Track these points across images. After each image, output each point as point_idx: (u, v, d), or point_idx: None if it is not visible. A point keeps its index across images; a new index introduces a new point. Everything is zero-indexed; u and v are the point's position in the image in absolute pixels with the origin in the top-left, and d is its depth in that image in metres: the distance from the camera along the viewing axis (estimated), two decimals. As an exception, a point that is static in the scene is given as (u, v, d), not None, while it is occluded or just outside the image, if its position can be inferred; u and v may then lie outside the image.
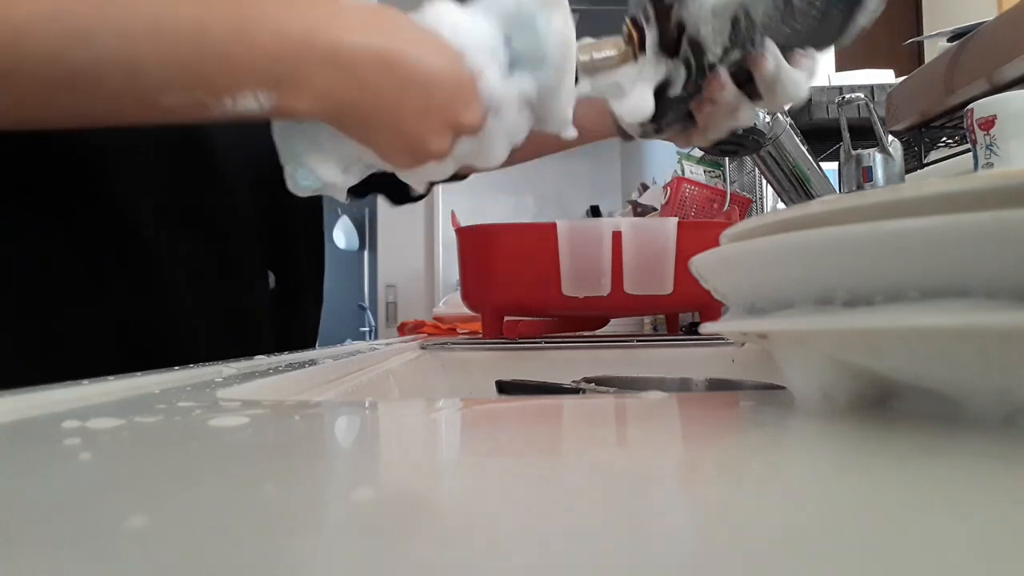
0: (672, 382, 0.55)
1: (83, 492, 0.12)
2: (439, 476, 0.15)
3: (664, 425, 0.21)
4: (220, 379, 0.30)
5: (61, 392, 0.23)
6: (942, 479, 0.13)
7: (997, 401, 0.17)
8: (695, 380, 0.53)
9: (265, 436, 0.18)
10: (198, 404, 0.22)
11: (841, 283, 0.18)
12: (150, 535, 0.10)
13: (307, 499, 0.12)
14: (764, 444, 0.17)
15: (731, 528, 0.10)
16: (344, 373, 0.43)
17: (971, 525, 0.10)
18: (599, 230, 0.83)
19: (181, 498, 0.12)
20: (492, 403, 0.25)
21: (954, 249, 0.15)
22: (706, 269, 0.23)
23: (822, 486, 0.13)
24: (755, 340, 0.23)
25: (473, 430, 0.21)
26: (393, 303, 3.02)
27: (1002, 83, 0.66)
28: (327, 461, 0.16)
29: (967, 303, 0.15)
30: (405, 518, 0.11)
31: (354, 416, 0.23)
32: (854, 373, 0.19)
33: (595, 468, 0.15)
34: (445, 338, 1.15)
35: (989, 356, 0.16)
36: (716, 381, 0.52)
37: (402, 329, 1.78)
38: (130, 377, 0.28)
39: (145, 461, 0.15)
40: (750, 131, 0.62)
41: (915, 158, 0.86)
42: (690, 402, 0.26)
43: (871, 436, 0.17)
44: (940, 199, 0.16)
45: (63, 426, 0.18)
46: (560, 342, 0.85)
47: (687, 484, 0.13)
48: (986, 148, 0.62)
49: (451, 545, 0.10)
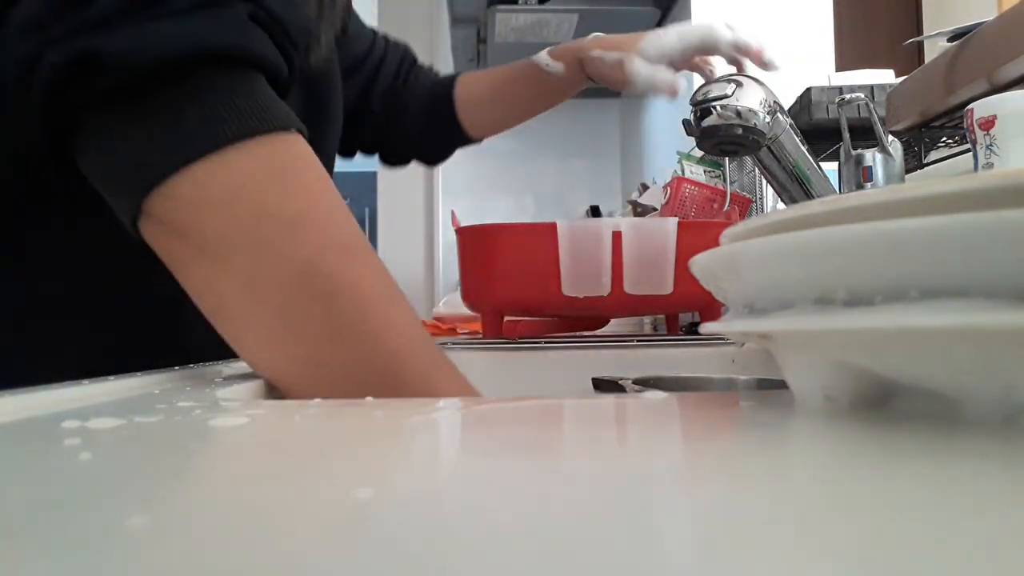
0: (720, 382, 0.57)
1: (83, 492, 0.12)
2: (439, 476, 0.15)
3: (664, 425, 0.21)
4: (220, 379, 0.30)
5: (61, 392, 0.23)
6: (942, 479, 0.13)
7: (997, 401, 0.17)
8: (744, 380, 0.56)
9: (265, 436, 0.18)
10: (198, 404, 0.22)
11: (841, 283, 0.18)
12: (150, 535, 0.10)
13: (307, 499, 0.12)
14: (765, 444, 0.17)
15: (732, 528, 0.10)
16: (344, 373, 0.43)
17: (971, 525, 0.10)
18: (599, 230, 0.83)
19: (181, 498, 0.12)
20: (492, 403, 0.25)
21: (954, 249, 0.15)
22: (706, 269, 0.23)
23: (822, 486, 0.13)
24: (756, 340, 0.23)
25: (473, 430, 0.21)
26: (393, 303, 3.01)
27: (1002, 83, 0.66)
28: (327, 461, 0.16)
29: (967, 303, 0.15)
30: (405, 518, 0.11)
31: (354, 416, 0.23)
32: (855, 374, 0.19)
33: (596, 468, 0.15)
34: (445, 338, 1.15)
35: (989, 356, 0.16)
36: (765, 381, 0.55)
37: (402, 329, 1.78)
38: (130, 377, 0.28)
39: (145, 461, 0.15)
40: (750, 131, 0.62)
41: (915, 158, 0.86)
42: (691, 402, 0.26)
43: (871, 436, 0.17)
44: (940, 199, 0.16)
45: (63, 426, 0.18)
46: (560, 342, 0.85)
47: (688, 484, 0.13)
48: (986, 148, 0.62)
49: (451, 545, 0.10)
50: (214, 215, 0.31)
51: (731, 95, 0.62)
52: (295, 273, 0.31)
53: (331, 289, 0.32)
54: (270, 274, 0.31)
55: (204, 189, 0.30)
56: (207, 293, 0.32)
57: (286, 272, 0.31)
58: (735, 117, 0.62)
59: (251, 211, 0.31)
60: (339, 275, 0.32)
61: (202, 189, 0.30)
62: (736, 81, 0.63)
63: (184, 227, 0.31)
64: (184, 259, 0.32)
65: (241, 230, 0.31)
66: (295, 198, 0.32)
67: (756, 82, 0.63)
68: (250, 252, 0.31)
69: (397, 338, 0.34)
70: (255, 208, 0.31)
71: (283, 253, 0.31)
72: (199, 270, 0.32)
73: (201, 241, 0.31)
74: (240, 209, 0.31)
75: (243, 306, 0.32)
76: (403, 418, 0.22)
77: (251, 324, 0.32)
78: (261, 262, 0.31)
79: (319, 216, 0.33)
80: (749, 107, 0.62)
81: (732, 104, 0.62)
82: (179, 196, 0.30)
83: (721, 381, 0.57)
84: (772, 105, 0.63)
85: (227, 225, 0.31)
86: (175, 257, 0.32)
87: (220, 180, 0.31)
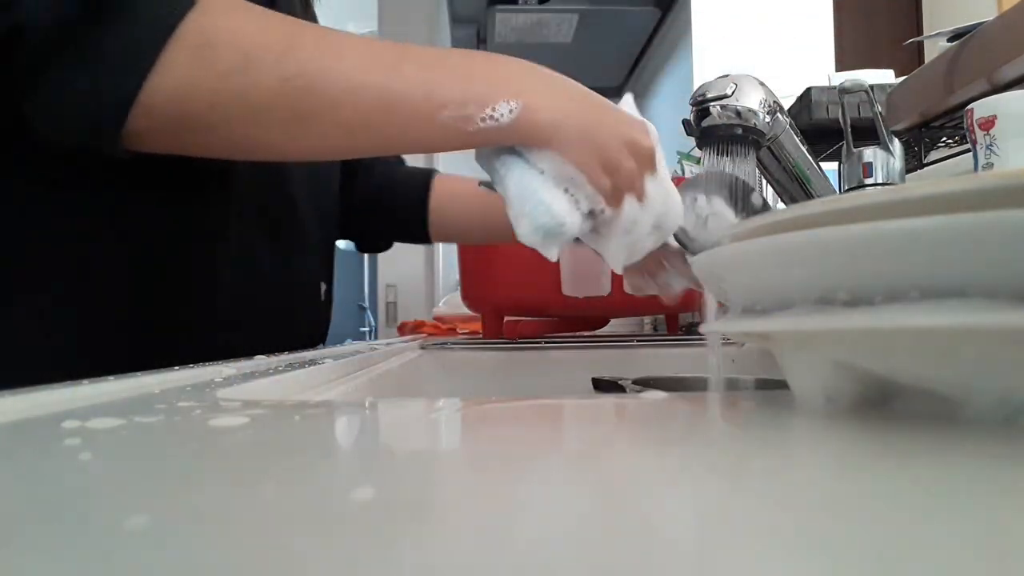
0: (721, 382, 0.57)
1: (83, 492, 0.12)
2: (439, 476, 0.15)
3: (665, 425, 0.21)
4: (220, 379, 0.30)
5: (61, 392, 0.23)
6: (943, 479, 0.13)
7: (997, 401, 0.17)
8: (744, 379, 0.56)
9: (265, 436, 0.18)
10: (198, 404, 0.22)
11: (841, 283, 0.18)
12: (150, 535, 0.10)
13: (307, 499, 0.12)
14: (765, 444, 0.17)
15: (732, 528, 0.10)
16: (344, 373, 0.43)
17: (972, 525, 0.10)
18: (599, 230, 0.82)
19: (181, 498, 0.12)
20: (492, 403, 0.25)
21: (954, 249, 0.15)
22: (706, 269, 0.23)
23: (822, 486, 0.13)
24: (756, 340, 0.23)
25: (473, 430, 0.21)
26: (393, 303, 3.02)
27: (1002, 83, 0.66)
28: (327, 461, 0.16)
29: (967, 303, 0.15)
30: (405, 518, 0.11)
31: (354, 416, 0.23)
32: (855, 375, 0.19)
33: (595, 468, 0.15)
34: (445, 338, 1.15)
35: (989, 356, 0.16)
36: (765, 381, 0.55)
37: (402, 329, 1.78)
38: (130, 377, 0.28)
39: (145, 461, 0.15)
40: (750, 131, 0.62)
41: (915, 158, 0.86)
42: (691, 402, 0.26)
43: (871, 436, 0.17)
44: (940, 199, 0.16)
45: (63, 426, 0.18)
46: (560, 342, 0.85)
47: (688, 484, 0.13)
48: (986, 148, 0.62)
49: (451, 545, 0.10)
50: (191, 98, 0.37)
51: (731, 95, 0.62)
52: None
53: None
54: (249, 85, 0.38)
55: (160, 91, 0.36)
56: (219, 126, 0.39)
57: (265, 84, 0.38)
58: (735, 117, 0.62)
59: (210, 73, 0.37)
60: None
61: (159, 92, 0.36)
62: (736, 81, 0.63)
63: (173, 117, 0.37)
64: (192, 133, 0.39)
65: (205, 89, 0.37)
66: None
67: (756, 82, 0.63)
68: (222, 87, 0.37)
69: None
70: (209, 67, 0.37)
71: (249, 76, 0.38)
72: (202, 136, 0.39)
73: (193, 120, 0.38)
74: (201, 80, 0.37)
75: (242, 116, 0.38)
76: (403, 418, 0.22)
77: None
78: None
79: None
80: (749, 107, 0.62)
81: (732, 104, 0.62)
82: (153, 102, 0.36)
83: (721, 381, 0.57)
84: (772, 105, 0.63)
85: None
86: (183, 144, 0.40)
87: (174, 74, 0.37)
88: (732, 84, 0.63)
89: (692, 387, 0.62)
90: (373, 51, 0.40)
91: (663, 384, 0.57)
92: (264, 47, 0.37)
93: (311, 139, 0.40)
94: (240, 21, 0.38)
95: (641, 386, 0.56)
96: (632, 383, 0.58)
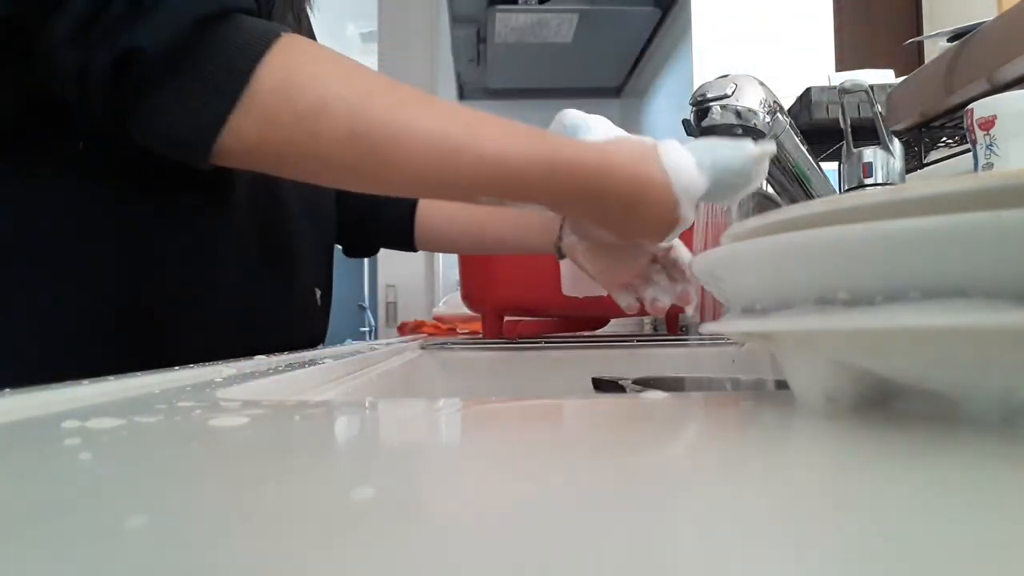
0: (720, 382, 0.57)
1: (83, 492, 0.12)
2: (439, 476, 0.15)
3: (665, 426, 0.21)
4: (220, 379, 0.30)
5: (61, 392, 0.23)
6: (943, 479, 0.13)
7: (997, 401, 0.17)
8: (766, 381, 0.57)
9: (265, 436, 0.18)
10: (198, 404, 0.22)
11: (841, 283, 0.17)
12: (150, 535, 0.10)
13: (307, 499, 0.12)
14: (765, 444, 0.17)
15: (732, 528, 0.10)
16: (344, 373, 0.43)
17: (972, 525, 0.10)
18: (599, 230, 0.82)
19: (181, 498, 0.12)
20: (492, 403, 0.25)
21: (954, 249, 0.15)
22: (706, 269, 0.23)
23: (822, 486, 0.13)
24: (756, 340, 0.23)
25: (473, 430, 0.21)
26: (393, 303, 3.02)
27: (1002, 83, 0.66)
28: (327, 461, 0.16)
29: (967, 303, 0.15)
30: (405, 518, 0.11)
31: (354, 416, 0.23)
32: (855, 375, 0.19)
33: (595, 468, 0.15)
34: (445, 338, 1.15)
35: (989, 356, 0.16)
36: (765, 381, 0.55)
37: (402, 329, 1.78)
38: (130, 377, 0.28)
39: (145, 461, 0.15)
40: (750, 131, 0.62)
41: (915, 158, 0.86)
42: (691, 402, 0.26)
43: (872, 436, 0.17)
44: (940, 199, 0.16)
45: (63, 426, 0.18)
46: (560, 342, 0.85)
47: (688, 484, 0.13)
48: (986, 148, 0.62)
49: (451, 545, 0.10)
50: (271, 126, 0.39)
51: (731, 95, 0.62)
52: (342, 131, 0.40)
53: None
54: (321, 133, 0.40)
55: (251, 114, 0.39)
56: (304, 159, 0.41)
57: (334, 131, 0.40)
58: (735, 117, 0.62)
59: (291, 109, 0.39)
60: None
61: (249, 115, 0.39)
62: (736, 81, 0.63)
63: (252, 144, 0.40)
64: (273, 159, 0.41)
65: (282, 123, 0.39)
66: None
67: (756, 82, 0.63)
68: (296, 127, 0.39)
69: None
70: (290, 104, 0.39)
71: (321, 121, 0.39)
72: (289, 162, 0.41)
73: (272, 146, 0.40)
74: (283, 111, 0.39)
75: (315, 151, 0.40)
76: (403, 418, 0.22)
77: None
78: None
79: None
80: (749, 107, 0.62)
81: (732, 104, 0.62)
82: (240, 129, 0.39)
83: (721, 381, 0.58)
84: (772, 105, 0.63)
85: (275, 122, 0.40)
86: (261, 162, 0.41)
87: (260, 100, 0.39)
88: (732, 84, 0.63)
89: (694, 387, 0.62)
90: (446, 116, 0.42)
91: (663, 384, 0.57)
92: (340, 97, 0.39)
93: (378, 188, 0.43)
94: (321, 64, 0.40)
95: (641, 386, 0.56)
96: (632, 383, 0.58)
